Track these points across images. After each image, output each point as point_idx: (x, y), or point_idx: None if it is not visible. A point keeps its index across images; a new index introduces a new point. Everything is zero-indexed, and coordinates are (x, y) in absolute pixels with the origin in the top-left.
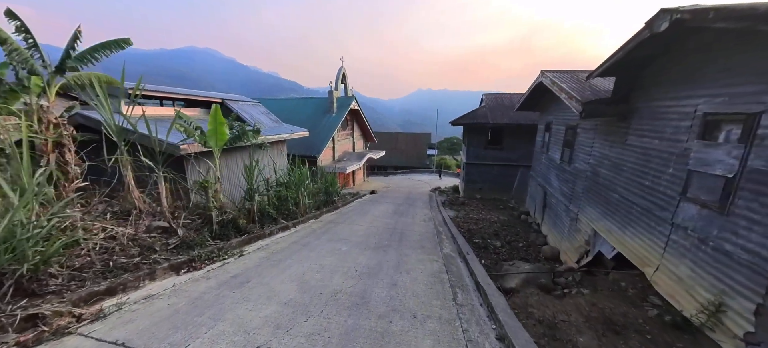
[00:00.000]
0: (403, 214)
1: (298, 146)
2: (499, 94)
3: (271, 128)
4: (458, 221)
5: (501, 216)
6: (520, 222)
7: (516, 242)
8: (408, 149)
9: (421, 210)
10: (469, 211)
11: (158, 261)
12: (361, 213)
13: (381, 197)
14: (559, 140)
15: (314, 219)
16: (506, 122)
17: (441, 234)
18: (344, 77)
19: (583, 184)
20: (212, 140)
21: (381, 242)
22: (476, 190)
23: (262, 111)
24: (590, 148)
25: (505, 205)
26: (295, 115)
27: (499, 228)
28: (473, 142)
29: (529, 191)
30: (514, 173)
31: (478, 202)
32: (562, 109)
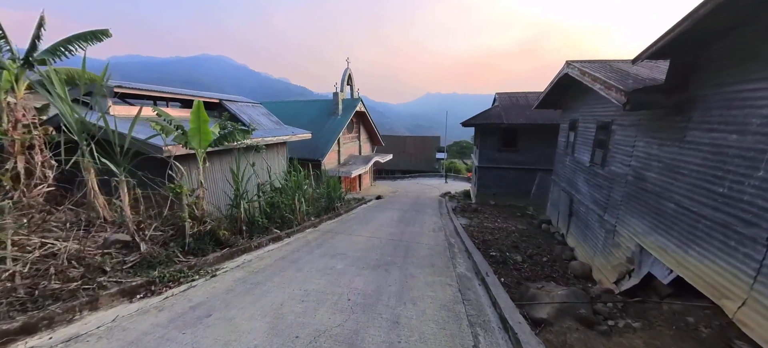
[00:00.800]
0: (411, 222)
1: (301, 149)
2: (513, 93)
3: (271, 130)
4: (472, 231)
5: (519, 225)
6: (541, 232)
7: (539, 256)
8: (416, 153)
9: (430, 217)
10: (483, 219)
11: (106, 285)
12: (364, 221)
13: (387, 203)
14: (587, 140)
15: (312, 227)
16: (522, 122)
17: (453, 247)
18: (350, 78)
19: (623, 191)
20: (195, 140)
21: (383, 258)
22: (490, 196)
23: (262, 112)
24: (631, 147)
25: (523, 212)
26: (299, 117)
27: (518, 239)
28: (486, 145)
29: (550, 197)
30: (531, 177)
31: (493, 209)
32: (592, 104)
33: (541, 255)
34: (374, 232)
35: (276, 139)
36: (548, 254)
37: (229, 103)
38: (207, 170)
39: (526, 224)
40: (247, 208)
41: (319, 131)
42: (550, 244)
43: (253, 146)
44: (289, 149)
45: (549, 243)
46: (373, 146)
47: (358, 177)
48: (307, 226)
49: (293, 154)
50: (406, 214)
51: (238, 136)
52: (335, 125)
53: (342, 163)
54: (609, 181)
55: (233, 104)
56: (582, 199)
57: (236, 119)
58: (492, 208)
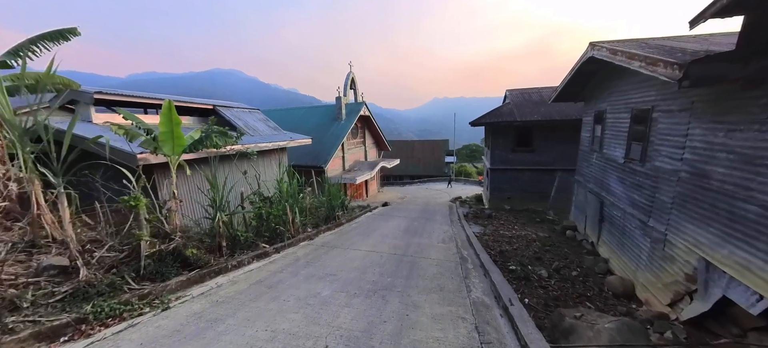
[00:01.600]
0: (418, 232)
1: (303, 156)
2: (525, 89)
3: (268, 136)
4: (486, 240)
5: (539, 232)
6: (566, 240)
7: (567, 270)
8: (425, 157)
9: (440, 226)
10: (498, 227)
11: (14, 327)
12: (365, 232)
13: (394, 210)
14: (620, 133)
15: (307, 240)
16: (537, 119)
17: (466, 262)
18: (353, 82)
19: (673, 191)
20: (167, 146)
21: (382, 280)
22: (504, 200)
23: (259, 118)
24: (682, 137)
25: (542, 217)
26: (302, 124)
27: (541, 249)
28: (498, 145)
29: (574, 201)
30: (549, 179)
31: (508, 215)
32: (624, 90)
33: (569, 268)
34: (376, 245)
35: (272, 144)
36: (578, 267)
37: (223, 109)
38: (188, 180)
39: (548, 231)
40: (229, 222)
41: (322, 137)
42: (578, 255)
43: (244, 152)
44: (290, 156)
45: (576, 253)
46: (379, 151)
47: (364, 183)
48: (301, 238)
49: (295, 161)
50: (414, 223)
51: (218, 140)
52: (338, 130)
53: (347, 170)
54: (652, 179)
55: (228, 110)
56: (616, 202)
57: (232, 126)
58: (507, 213)
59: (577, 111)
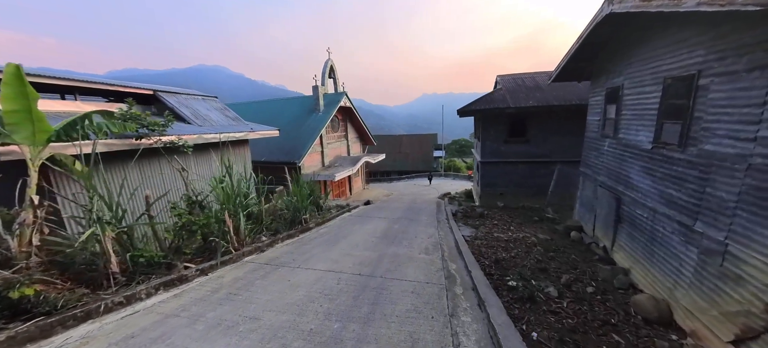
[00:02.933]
0: (397, 237)
1: (275, 151)
2: (518, 74)
3: (222, 126)
4: (479, 246)
5: (539, 233)
6: (571, 243)
7: (579, 284)
8: (413, 152)
9: (425, 228)
10: (491, 228)
11: None
12: (333, 239)
13: (375, 209)
14: (645, 111)
15: (257, 253)
16: (532, 105)
17: (454, 284)
18: (333, 71)
19: (741, 184)
20: (20, 133)
21: (324, 327)
22: (496, 196)
23: (215, 107)
24: (757, 107)
25: (540, 215)
26: (277, 117)
27: (543, 256)
28: (489, 136)
29: (579, 197)
30: (546, 172)
31: (502, 213)
32: (652, 56)
33: (581, 282)
34: (338, 260)
35: (225, 136)
36: (592, 280)
37: (166, 94)
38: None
39: (549, 232)
40: (125, 239)
41: (297, 131)
42: (590, 263)
43: (175, 145)
44: (259, 152)
45: (587, 260)
46: (363, 146)
47: (346, 181)
48: (248, 252)
49: (267, 156)
50: (395, 226)
51: (114, 127)
52: (316, 123)
53: (327, 166)
54: (701, 168)
55: (172, 97)
56: (640, 199)
57: (176, 115)
58: (501, 211)
59: (578, 95)
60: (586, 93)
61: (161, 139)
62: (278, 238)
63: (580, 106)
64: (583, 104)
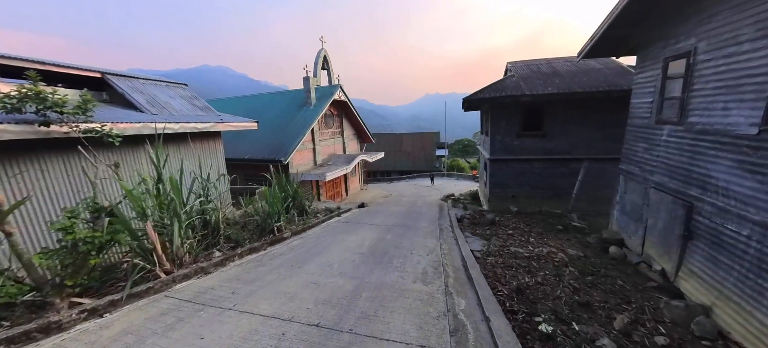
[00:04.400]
0: (387, 255)
1: (261, 149)
2: (532, 60)
3: (185, 116)
4: (493, 266)
5: (567, 247)
6: (611, 262)
7: (641, 329)
8: (414, 151)
9: (424, 240)
10: (506, 239)
11: None
12: (303, 257)
13: (369, 214)
14: (743, 79)
15: (198, 276)
16: (552, 92)
17: (465, 341)
18: (326, 61)
19: None
20: None
21: None
22: (507, 199)
23: (181, 95)
24: None
25: (564, 223)
26: (266, 111)
27: (579, 281)
28: (499, 129)
29: (619, 202)
30: (566, 171)
31: (517, 219)
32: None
33: (646, 327)
34: (294, 296)
35: (180, 127)
36: (658, 322)
37: (116, 77)
38: None
39: (579, 246)
40: None
41: (285, 126)
42: (646, 293)
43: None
44: (242, 149)
45: (640, 288)
46: (361, 144)
47: (342, 181)
48: (185, 275)
49: (252, 154)
50: (387, 236)
51: None
52: (306, 117)
53: (319, 164)
54: None
55: (125, 80)
56: (734, 208)
57: (128, 102)
58: (515, 217)
59: (607, 81)
60: (615, 78)
61: (79, 127)
62: (236, 254)
63: (610, 93)
64: (614, 90)
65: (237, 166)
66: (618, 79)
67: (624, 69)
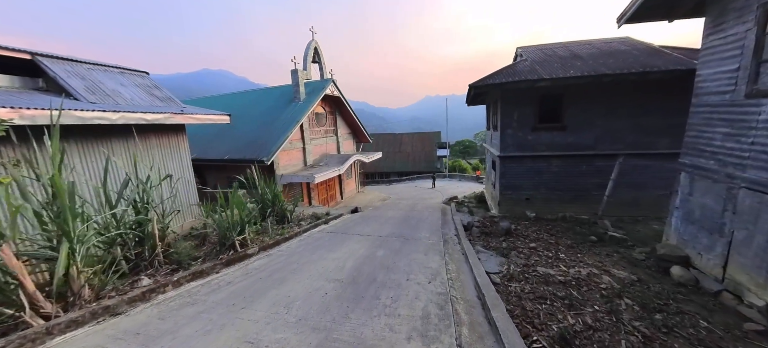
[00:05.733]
0: (374, 283)
1: (242, 147)
2: (545, 45)
3: (137, 106)
4: (519, 295)
5: (609, 265)
6: (677, 288)
7: None
8: (414, 151)
9: (424, 257)
10: (529, 255)
11: None
12: (256, 290)
13: (361, 221)
14: None
15: (91, 322)
16: (574, 75)
17: None
18: (317, 54)
19: None
20: None
21: None
22: (520, 202)
23: (137, 83)
24: None
25: (597, 232)
26: (251, 109)
27: (644, 320)
28: (511, 122)
29: (679, 207)
30: (590, 170)
31: (538, 228)
32: None
33: None
34: None
35: (119, 117)
36: None
37: (49, 60)
38: None
39: (626, 264)
40: None
41: (271, 123)
42: (746, 344)
43: None
44: (224, 149)
45: (735, 335)
46: (357, 144)
47: (336, 183)
48: (62, 325)
49: (232, 154)
50: (378, 252)
51: None
52: (294, 113)
53: (310, 164)
54: None
55: (59, 64)
56: None
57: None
58: (535, 225)
59: (640, 61)
60: (647, 59)
61: None
62: (170, 283)
63: (646, 75)
64: (651, 71)
65: (216, 168)
66: (651, 59)
67: (655, 49)
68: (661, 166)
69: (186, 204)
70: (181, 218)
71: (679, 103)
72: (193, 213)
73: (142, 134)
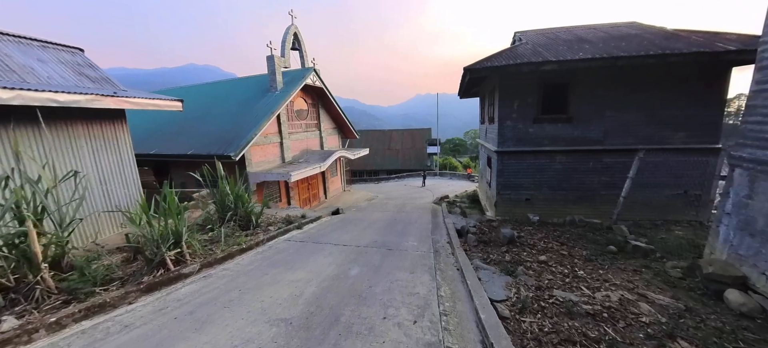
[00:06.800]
0: (336, 327)
1: (209, 142)
2: (547, 29)
3: (57, 86)
4: (538, 339)
5: (642, 285)
6: (738, 320)
7: None
8: (404, 148)
9: (411, 277)
10: (540, 272)
11: None
12: (161, 341)
13: (339, 225)
14: None
15: None
16: (584, 58)
17: None
18: (297, 40)
19: None
20: None
21: None
22: (519, 203)
23: (62, 60)
24: None
25: (614, 239)
26: (223, 100)
27: None
28: (511, 112)
29: (732, 212)
30: (601, 166)
31: (545, 235)
32: None
33: None
34: None
35: (12, 95)
36: None
37: None
38: None
39: (661, 284)
40: None
41: (243, 115)
42: None
43: None
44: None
45: None
46: (343, 140)
47: (319, 181)
48: None
49: (197, 149)
50: (352, 270)
51: None
52: (268, 105)
53: (289, 161)
54: None
55: None
56: None
57: None
58: (540, 230)
59: (655, 44)
60: (663, 42)
61: None
62: (42, 326)
63: (666, 57)
64: (672, 53)
65: (184, 165)
66: (669, 43)
67: (670, 32)
68: (677, 162)
69: (126, 208)
70: (115, 226)
71: (699, 93)
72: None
73: (62, 121)
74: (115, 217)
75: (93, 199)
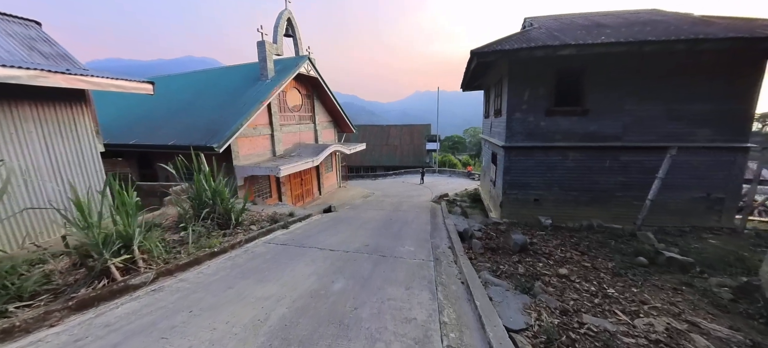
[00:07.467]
0: None
1: (195, 133)
2: (560, 14)
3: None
4: None
5: (687, 308)
6: None
7: None
8: (402, 144)
9: (406, 294)
10: (563, 290)
11: None
12: None
13: (330, 226)
14: None
15: None
16: (605, 42)
17: None
18: (291, 27)
19: None
20: None
21: None
22: (528, 204)
23: (12, 32)
24: None
25: (642, 248)
26: (212, 88)
27: None
28: (520, 103)
29: None
30: (618, 166)
31: (560, 241)
32: None
33: None
34: None
35: None
36: None
37: None
38: None
39: (709, 306)
40: None
41: (230, 104)
42: None
43: None
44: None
45: None
46: (339, 134)
47: (313, 176)
48: None
49: (178, 140)
50: (335, 284)
51: None
52: (257, 94)
53: (280, 154)
54: None
55: None
56: None
57: None
58: (555, 236)
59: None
60: (691, 27)
61: None
62: None
63: (698, 44)
64: (708, 39)
65: (162, 156)
66: (697, 28)
67: (698, 18)
68: (700, 161)
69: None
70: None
71: (728, 85)
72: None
73: (5, 101)
74: (71, 215)
75: (41, 192)
